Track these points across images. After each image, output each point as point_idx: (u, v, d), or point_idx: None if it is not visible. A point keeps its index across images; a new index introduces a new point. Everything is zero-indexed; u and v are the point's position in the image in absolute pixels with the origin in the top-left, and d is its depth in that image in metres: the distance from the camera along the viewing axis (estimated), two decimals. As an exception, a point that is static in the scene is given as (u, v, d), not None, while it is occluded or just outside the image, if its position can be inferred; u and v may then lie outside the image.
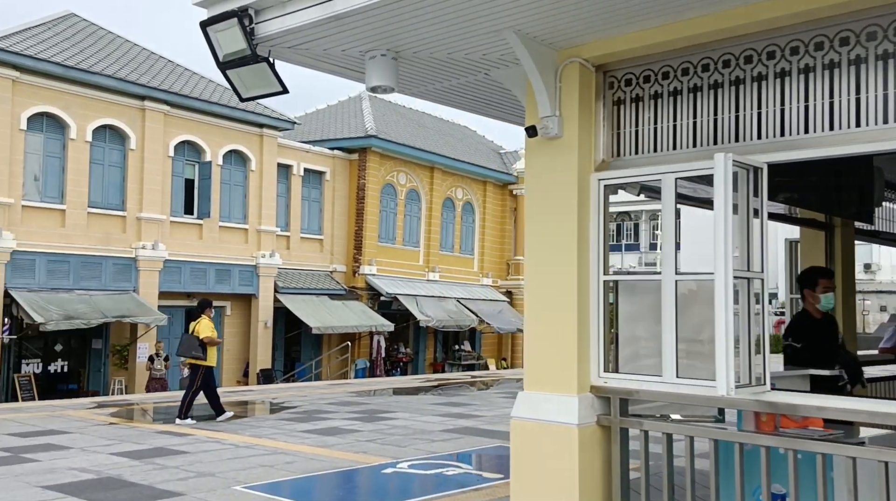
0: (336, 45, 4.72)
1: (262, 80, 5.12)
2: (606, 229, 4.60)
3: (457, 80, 5.30)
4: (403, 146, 26.41)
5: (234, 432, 10.06)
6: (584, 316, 4.53)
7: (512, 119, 6.11)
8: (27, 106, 17.65)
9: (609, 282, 4.61)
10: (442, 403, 13.67)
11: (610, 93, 4.67)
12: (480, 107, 5.89)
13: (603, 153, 4.67)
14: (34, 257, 17.66)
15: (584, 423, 4.40)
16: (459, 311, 27.43)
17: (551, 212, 4.64)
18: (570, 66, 4.59)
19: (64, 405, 12.96)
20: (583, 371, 4.50)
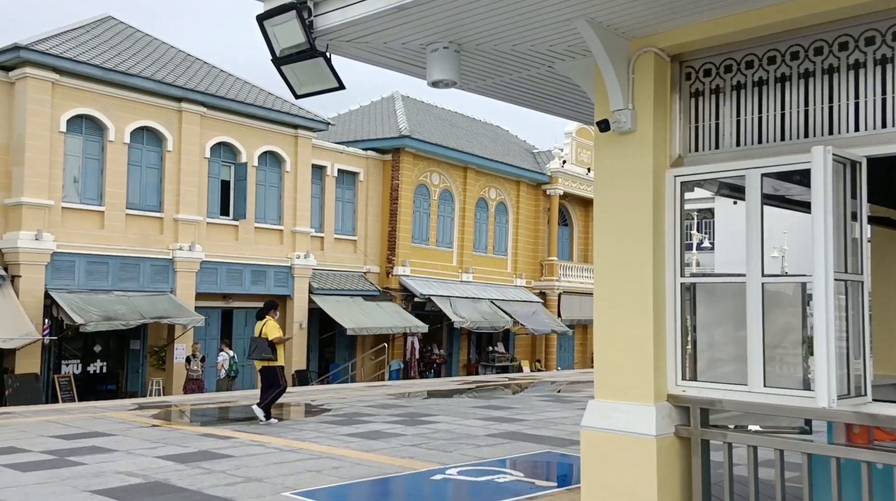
0: (397, 37, 4.53)
1: (317, 75, 4.95)
2: (682, 228, 4.34)
3: (518, 73, 5.08)
4: (437, 146, 26.24)
5: (277, 435, 9.94)
6: (659, 320, 4.28)
7: (573, 115, 5.88)
8: (66, 108, 17.79)
9: (686, 284, 4.35)
10: (482, 406, 13.44)
11: (687, 84, 4.42)
12: (541, 102, 5.67)
13: (679, 148, 4.41)
14: (74, 259, 17.79)
15: (662, 434, 4.16)
16: (493, 312, 27.18)
17: (623, 211, 4.39)
18: (644, 56, 4.35)
19: (105, 407, 12.97)
20: (659, 379, 4.26)
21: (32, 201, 17.02)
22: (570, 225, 33.87)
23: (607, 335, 4.42)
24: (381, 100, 29.72)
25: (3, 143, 17.21)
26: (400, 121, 26.45)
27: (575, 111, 5.80)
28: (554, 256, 31.40)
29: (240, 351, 21.16)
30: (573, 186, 31.96)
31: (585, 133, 33.07)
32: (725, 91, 4.26)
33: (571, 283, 31.92)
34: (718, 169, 4.21)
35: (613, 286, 4.40)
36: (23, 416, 11.64)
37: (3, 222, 17.19)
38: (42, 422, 10.95)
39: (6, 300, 16.42)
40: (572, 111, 5.83)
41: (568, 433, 10.28)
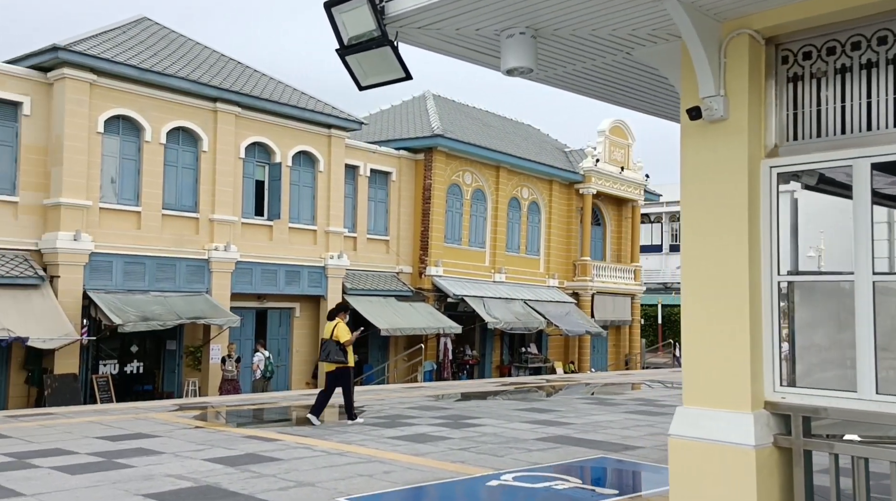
0: (470, 23, 4.30)
1: (383, 65, 4.74)
2: (779, 223, 4.05)
3: (593, 62, 4.83)
4: (469, 145, 25.99)
5: (322, 437, 9.76)
6: (756, 322, 3.99)
7: (644, 107, 5.61)
8: (104, 109, 17.83)
9: (784, 283, 4.06)
10: (525, 409, 13.17)
11: (784, 68, 4.13)
12: (613, 93, 5.40)
13: (775, 137, 4.13)
14: (111, 259, 17.82)
15: (761, 444, 3.88)
16: (527, 313, 26.87)
17: (714, 205, 4.12)
18: (737, 39, 4.07)
19: (146, 408, 12.92)
20: (756, 385, 3.97)
21: (71, 201, 17.08)
22: (603, 224, 33.43)
23: (698, 338, 4.14)
24: (412, 99, 29.56)
25: (41, 143, 17.29)
26: (432, 120, 26.25)
27: (646, 103, 5.53)
28: (587, 256, 31.00)
29: (274, 352, 21.11)
30: (606, 185, 31.53)
31: (619, 131, 32.63)
32: (828, 75, 3.97)
33: (605, 283, 31.49)
34: (820, 159, 3.93)
35: (704, 285, 4.13)
36: (65, 417, 11.61)
37: (42, 222, 17.27)
38: (85, 423, 10.89)
39: (45, 301, 16.48)
40: (643, 102, 5.56)
41: (619, 438, 9.98)
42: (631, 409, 13.12)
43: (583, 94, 5.41)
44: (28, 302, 16.23)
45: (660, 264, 61.10)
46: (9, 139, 16.99)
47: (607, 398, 15.08)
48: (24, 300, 16.19)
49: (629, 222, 33.94)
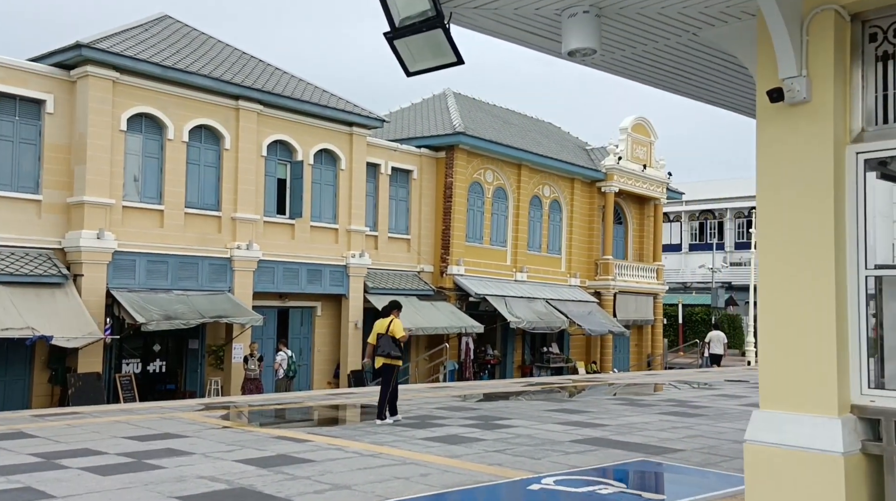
0: (530, 1, 4.05)
1: (434, 49, 4.50)
2: (867, 213, 3.77)
3: (655, 44, 4.57)
4: (491, 143, 25.73)
5: (353, 438, 9.55)
6: (841, 319, 3.71)
7: (702, 95, 5.33)
8: (127, 107, 17.74)
9: (872, 277, 3.78)
10: (555, 409, 12.89)
11: (871, 46, 3.85)
12: (672, 79, 5.13)
13: (862, 121, 3.84)
14: (134, 258, 17.73)
15: (849, 451, 3.60)
16: (549, 312, 26.57)
17: (795, 193, 3.84)
18: (820, 15, 3.80)
19: (171, 407, 12.77)
20: (842, 387, 3.69)
21: (94, 199, 16.99)
22: (625, 223, 33.04)
23: (777, 336, 3.87)
24: (432, 97, 29.33)
25: (65, 142, 17.22)
26: (453, 118, 26.01)
27: (706, 90, 5.25)
28: (609, 254, 30.64)
29: (296, 351, 20.95)
30: (629, 183, 31.14)
31: (641, 129, 32.24)
32: (922, 53, 3.68)
33: (627, 282, 31.11)
34: (914, 143, 3.64)
35: (784, 279, 3.85)
36: (92, 416, 11.48)
37: (66, 221, 17.20)
38: (112, 422, 10.75)
39: (69, 300, 16.41)
40: (703, 90, 5.28)
41: (657, 440, 9.69)
42: (664, 410, 12.81)
43: (641, 80, 5.14)
44: (52, 301, 16.16)
45: (679, 263, 60.54)
46: (32, 138, 16.94)
47: (638, 399, 14.77)
48: (48, 299, 16.12)
49: (651, 221, 33.53)
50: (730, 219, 63.24)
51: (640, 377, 22.73)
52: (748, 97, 5.28)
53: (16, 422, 10.62)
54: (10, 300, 15.50)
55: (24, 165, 16.82)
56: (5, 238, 16.27)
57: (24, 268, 15.98)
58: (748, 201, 62.38)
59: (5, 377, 16.44)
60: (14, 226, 16.43)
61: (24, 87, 16.64)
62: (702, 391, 16.82)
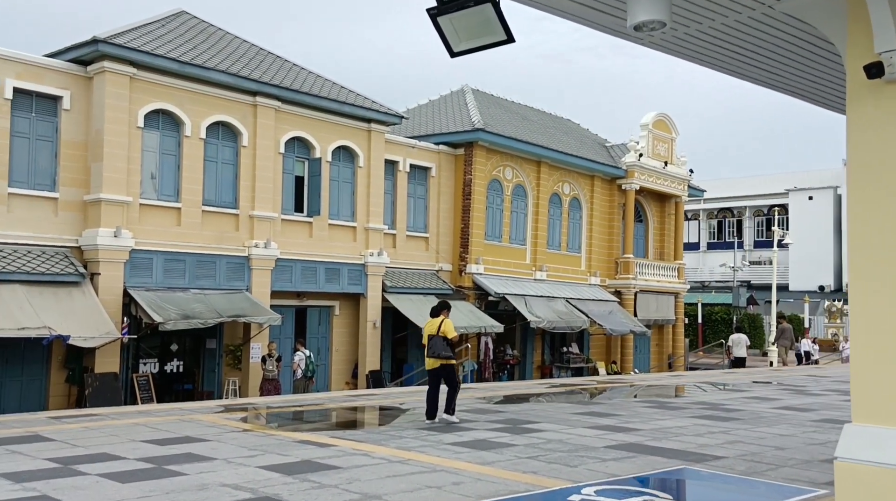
0: (590, -28, 3.68)
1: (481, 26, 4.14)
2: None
3: (724, 18, 4.17)
4: (510, 140, 25.33)
5: (378, 443, 9.21)
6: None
7: (770, 79, 4.92)
8: (144, 103, 17.51)
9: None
10: (584, 413, 12.50)
11: (978, 18, 3.44)
12: (740, 61, 4.73)
13: (967, 101, 3.44)
14: (151, 256, 17.50)
15: (957, 469, 3.20)
16: (569, 311, 26.15)
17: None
18: (920, -17, 3.39)
19: (190, 409, 12.49)
20: (946, 398, 3.30)
21: (111, 197, 16.77)
22: (645, 221, 32.54)
23: (872, 342, 3.48)
24: (450, 93, 28.96)
25: (81, 139, 17.02)
26: (472, 114, 25.64)
27: (775, 74, 4.85)
28: (630, 253, 30.15)
29: (314, 351, 20.66)
30: (649, 181, 30.64)
31: (662, 125, 31.72)
32: None
33: (648, 281, 30.62)
34: None
35: (881, 278, 3.46)
36: (109, 418, 11.22)
37: (83, 218, 16.99)
38: (130, 425, 10.48)
39: (86, 299, 16.20)
40: (772, 73, 4.87)
41: (695, 446, 9.29)
42: (696, 414, 12.39)
43: (705, 61, 4.74)
44: (69, 300, 15.96)
45: (697, 262, 59.86)
46: (49, 134, 16.75)
47: (667, 402, 14.34)
48: (65, 298, 15.92)
49: (672, 219, 33.00)
50: (749, 217, 62.48)
51: (665, 378, 22.26)
52: (822, 82, 4.88)
53: (32, 424, 10.37)
54: (27, 299, 15.30)
55: (41, 162, 16.63)
56: (22, 236, 16.09)
57: (41, 267, 15.79)
58: (767, 198, 61.64)
59: (21, 377, 16.26)
60: (31, 224, 16.25)
61: (41, 83, 16.45)
62: (731, 393, 16.37)
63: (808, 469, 7.98)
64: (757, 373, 24.50)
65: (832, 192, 57.18)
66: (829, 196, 57.22)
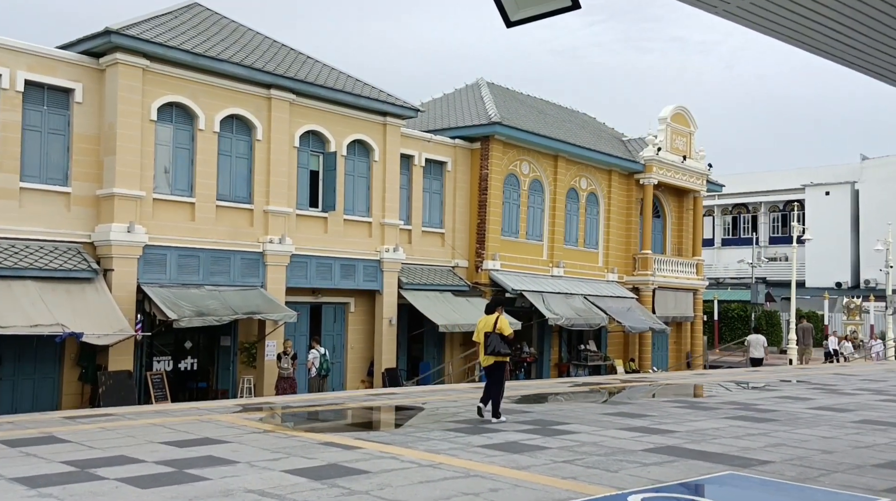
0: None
1: (544, -9, 3.72)
2: None
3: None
4: (528, 133, 24.89)
5: (406, 445, 8.83)
6: None
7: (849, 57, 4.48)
8: (157, 96, 17.17)
9: None
10: (613, 413, 12.08)
11: None
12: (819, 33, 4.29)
13: None
14: (165, 252, 17.17)
15: None
16: (587, 308, 25.71)
17: None
18: None
19: (208, 408, 12.14)
20: None
21: (124, 191, 16.44)
22: (663, 216, 32.04)
23: None
24: (465, 87, 28.54)
25: (94, 133, 16.70)
26: (488, 107, 25.21)
27: (855, 49, 4.41)
28: (648, 249, 29.66)
29: (329, 348, 20.32)
30: (668, 175, 30.14)
31: (680, 118, 31.21)
32: None
33: (666, 278, 30.13)
34: None
35: None
36: (125, 418, 10.88)
37: (95, 214, 16.68)
38: (147, 425, 10.13)
39: (99, 295, 15.89)
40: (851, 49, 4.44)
41: (737, 449, 8.86)
42: (730, 414, 11.95)
43: (780, 33, 4.31)
44: (82, 296, 15.66)
45: (712, 258, 59.20)
46: (60, 128, 16.43)
47: (697, 402, 13.91)
48: (77, 295, 15.62)
49: (691, 214, 32.49)
50: (764, 213, 61.77)
51: (689, 376, 21.81)
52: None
53: (47, 425, 10.04)
54: (40, 296, 15.00)
55: (53, 156, 16.32)
56: (34, 232, 15.78)
57: (53, 262, 15.49)
58: (783, 194, 60.92)
59: (34, 375, 15.97)
60: (43, 219, 15.94)
61: (53, 75, 16.13)
62: (761, 392, 15.90)
63: (863, 475, 7.56)
64: (782, 372, 23.98)
65: (849, 187, 56.43)
66: (847, 192, 56.48)
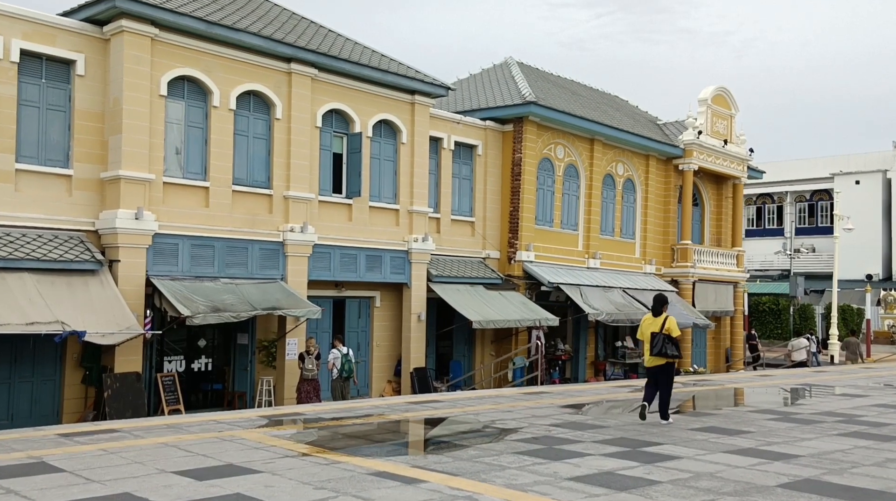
0: None
1: None
2: None
3: None
4: (565, 114, 23.09)
5: (478, 477, 7.13)
6: None
7: None
8: (167, 68, 15.49)
9: None
10: (702, 428, 10.36)
11: None
12: None
13: None
14: (177, 241, 15.53)
15: None
16: (627, 302, 23.96)
17: None
18: None
19: (228, 422, 10.48)
20: None
21: (131, 174, 14.79)
22: (701, 205, 30.20)
23: None
24: (493, 67, 26.73)
25: (97, 109, 15.04)
26: (521, 87, 23.43)
27: None
28: (687, 239, 27.85)
29: (353, 346, 18.68)
30: (708, 160, 28.29)
31: (721, 100, 29.34)
32: None
33: (706, 270, 28.32)
34: None
35: None
36: (132, 435, 9.22)
37: (100, 199, 15.05)
38: (158, 445, 8.48)
39: (104, 289, 14.26)
40: None
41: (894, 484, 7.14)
42: (841, 430, 10.20)
43: None
44: (85, 290, 14.03)
45: (739, 249, 57.20)
46: (61, 103, 14.78)
47: (791, 413, 12.15)
48: (80, 288, 14.00)
49: (730, 202, 30.66)
50: (790, 203, 59.74)
51: (752, 379, 20.03)
52: None
53: (38, 445, 8.41)
54: (37, 290, 13.38)
55: (52, 134, 14.68)
56: (31, 218, 14.17)
57: (52, 253, 13.86)
58: (810, 183, 58.86)
59: (33, 378, 14.38)
60: (41, 204, 14.32)
61: (52, 45, 14.47)
62: (851, 400, 14.12)
63: None
64: (847, 372, 22.12)
65: (881, 176, 54.33)
66: (878, 180, 54.38)
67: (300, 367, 16.33)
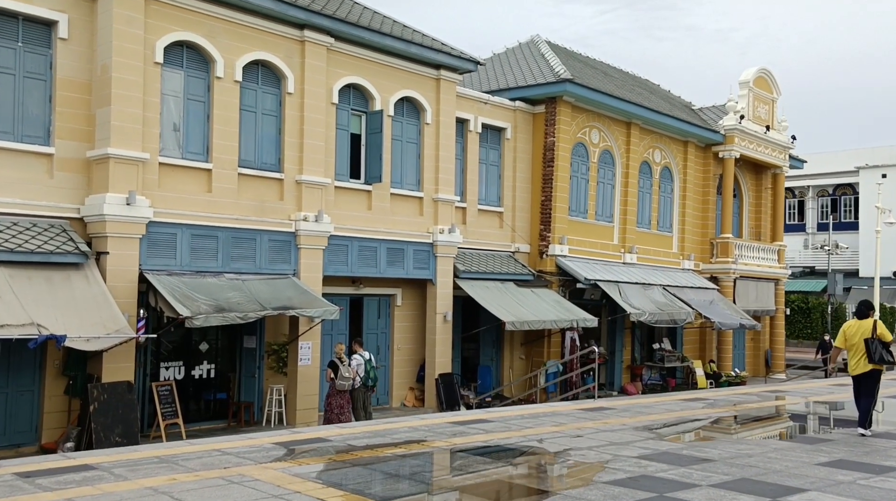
0: None
1: None
2: None
3: None
4: (602, 95, 21.03)
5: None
6: None
7: None
8: (163, 32, 13.46)
9: None
10: (829, 462, 8.32)
11: None
12: None
13: None
14: (175, 231, 13.51)
15: None
16: (669, 301, 21.92)
17: None
18: None
19: (236, 451, 8.44)
20: None
21: (122, 153, 12.76)
22: (740, 195, 28.13)
23: None
24: (519, 45, 24.65)
25: (83, 77, 13.01)
26: (553, 65, 21.35)
27: None
28: (728, 233, 25.79)
29: (373, 349, 16.65)
30: (749, 148, 26.21)
31: (763, 83, 27.24)
32: None
33: (747, 266, 26.26)
34: None
35: None
36: (112, 475, 7.18)
37: (86, 181, 13.02)
38: (144, 491, 6.46)
39: (90, 286, 12.24)
40: None
41: None
42: None
43: None
44: (67, 287, 12.02)
45: (757, 245, 55.15)
46: (40, 71, 12.73)
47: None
48: (61, 285, 11.98)
49: (770, 193, 28.59)
50: (812, 198, 57.59)
51: (829, 387, 17.97)
52: None
53: (-11, 491, 6.38)
54: (10, 286, 11.37)
55: (31, 107, 12.64)
56: (5, 203, 12.16)
57: (29, 243, 11.83)
58: (833, 177, 56.70)
59: (7, 389, 12.37)
60: (17, 188, 12.29)
61: (29, 2, 12.43)
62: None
63: None
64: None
65: (910, 169, 52.11)
66: (907, 173, 52.16)
67: (330, 379, 14.03)
